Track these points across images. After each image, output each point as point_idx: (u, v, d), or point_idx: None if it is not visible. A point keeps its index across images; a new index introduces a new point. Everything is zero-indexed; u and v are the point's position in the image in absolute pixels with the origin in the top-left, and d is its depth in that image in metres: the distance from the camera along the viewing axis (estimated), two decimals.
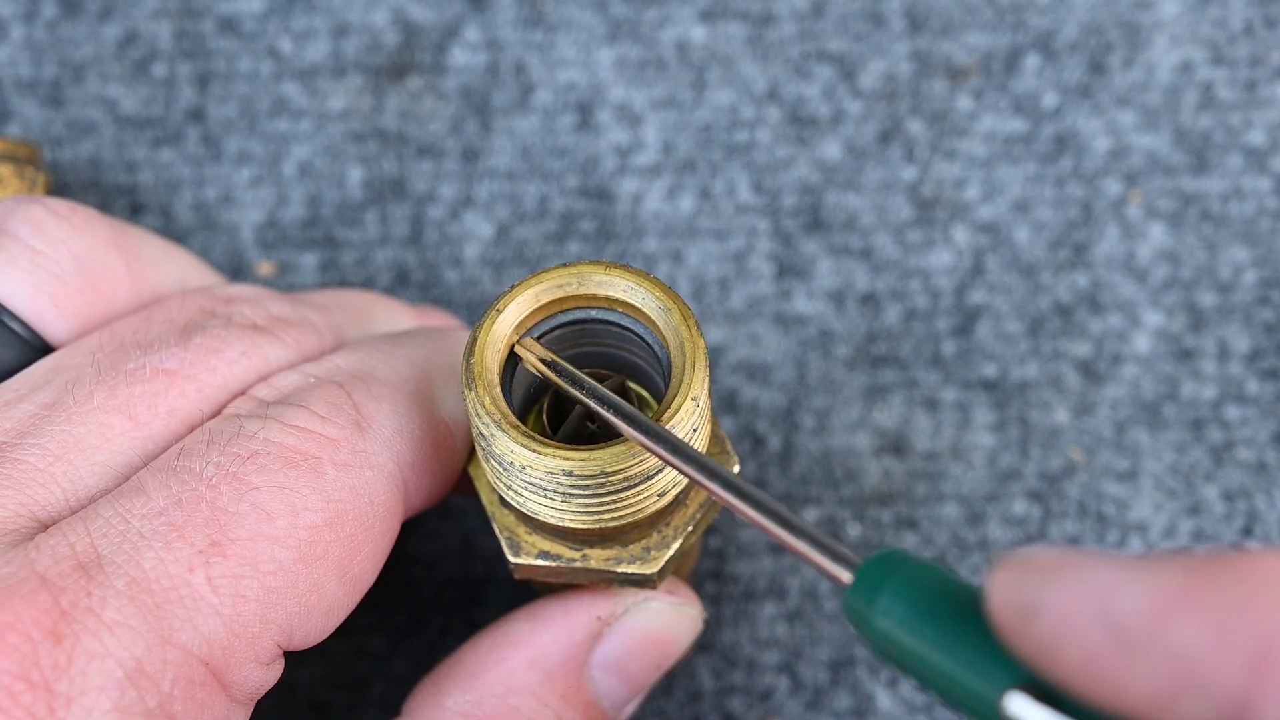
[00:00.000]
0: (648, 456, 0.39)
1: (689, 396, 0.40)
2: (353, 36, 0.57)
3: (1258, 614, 0.31)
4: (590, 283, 0.41)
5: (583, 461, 0.39)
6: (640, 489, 0.40)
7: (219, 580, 0.39)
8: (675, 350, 0.40)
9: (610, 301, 0.41)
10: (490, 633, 0.44)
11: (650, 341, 0.42)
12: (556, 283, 0.41)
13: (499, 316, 0.41)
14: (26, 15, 0.57)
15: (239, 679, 0.39)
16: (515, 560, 0.42)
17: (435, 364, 0.45)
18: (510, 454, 0.40)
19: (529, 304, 0.41)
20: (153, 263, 0.46)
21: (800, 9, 0.57)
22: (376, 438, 0.42)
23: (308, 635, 0.41)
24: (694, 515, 0.43)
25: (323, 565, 0.40)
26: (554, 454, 0.39)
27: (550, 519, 0.41)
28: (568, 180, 0.55)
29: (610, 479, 0.39)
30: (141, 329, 0.43)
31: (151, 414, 0.42)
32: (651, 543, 0.42)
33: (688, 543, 0.43)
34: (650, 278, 0.41)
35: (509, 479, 0.40)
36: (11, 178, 0.50)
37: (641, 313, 0.41)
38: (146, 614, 0.38)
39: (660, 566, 0.42)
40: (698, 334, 0.40)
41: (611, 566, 0.42)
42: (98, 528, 0.39)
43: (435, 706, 0.43)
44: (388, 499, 0.42)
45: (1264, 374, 0.53)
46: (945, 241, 0.55)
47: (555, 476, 0.40)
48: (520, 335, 0.41)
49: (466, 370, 0.40)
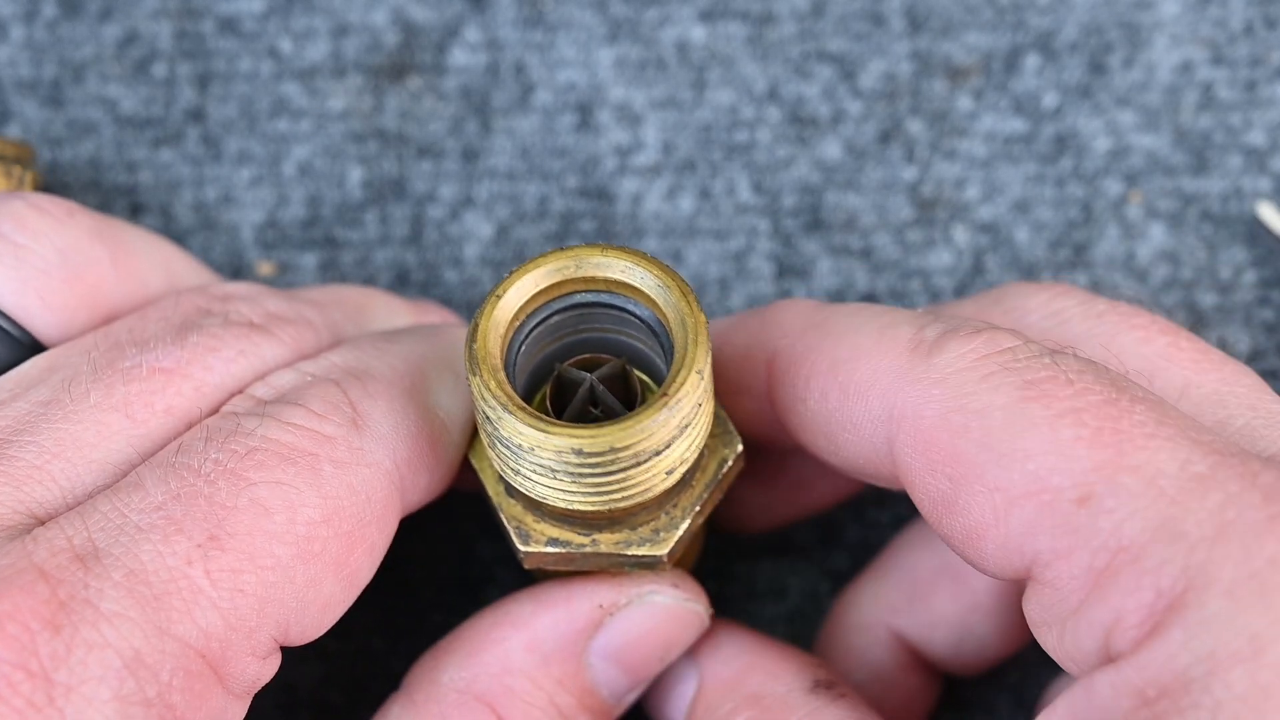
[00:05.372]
0: (656, 431, 0.40)
1: (694, 370, 0.40)
2: (353, 36, 0.57)
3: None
4: (588, 265, 0.42)
5: (592, 438, 0.39)
6: (649, 465, 0.40)
7: (217, 574, 0.39)
8: (677, 327, 0.41)
9: (609, 283, 0.42)
10: (492, 611, 0.44)
11: (650, 322, 0.42)
12: (555, 266, 0.42)
13: (499, 302, 0.41)
14: (26, 15, 0.57)
15: (236, 672, 0.40)
16: (525, 549, 0.42)
17: (431, 360, 0.45)
18: (519, 436, 0.40)
19: (529, 288, 0.42)
20: (138, 254, 0.46)
21: (800, 9, 0.57)
22: (373, 435, 0.42)
23: (304, 631, 0.41)
24: (700, 495, 0.43)
25: (320, 561, 0.40)
26: (563, 433, 0.39)
27: (559, 503, 0.41)
28: (568, 180, 0.55)
29: (620, 455, 0.40)
30: (137, 327, 0.43)
31: (149, 412, 0.42)
32: (660, 524, 0.42)
33: (695, 523, 0.43)
34: (647, 257, 0.41)
35: (517, 463, 0.41)
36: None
37: (640, 292, 0.41)
38: (144, 605, 0.38)
39: (670, 547, 0.42)
40: (698, 310, 0.41)
41: (621, 550, 0.42)
42: (95, 521, 0.39)
43: (431, 681, 0.43)
44: (385, 496, 0.42)
45: (1264, 374, 0.53)
46: (945, 241, 0.55)
47: (564, 456, 0.40)
48: (521, 320, 0.42)
49: (470, 356, 0.40)
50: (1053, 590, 0.39)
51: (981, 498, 0.40)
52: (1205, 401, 0.42)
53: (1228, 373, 0.42)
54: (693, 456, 0.42)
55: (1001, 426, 0.39)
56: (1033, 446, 0.39)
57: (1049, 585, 0.39)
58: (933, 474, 0.41)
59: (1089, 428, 0.39)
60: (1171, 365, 0.42)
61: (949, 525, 0.41)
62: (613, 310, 0.42)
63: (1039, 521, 0.39)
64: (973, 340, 0.41)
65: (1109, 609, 0.38)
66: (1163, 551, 0.37)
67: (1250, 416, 0.41)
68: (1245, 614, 0.36)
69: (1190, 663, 0.36)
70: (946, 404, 0.40)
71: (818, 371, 0.43)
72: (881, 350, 0.42)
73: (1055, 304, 0.44)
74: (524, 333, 0.42)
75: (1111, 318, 0.44)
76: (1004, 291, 0.46)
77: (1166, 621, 0.37)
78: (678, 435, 0.40)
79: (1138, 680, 0.37)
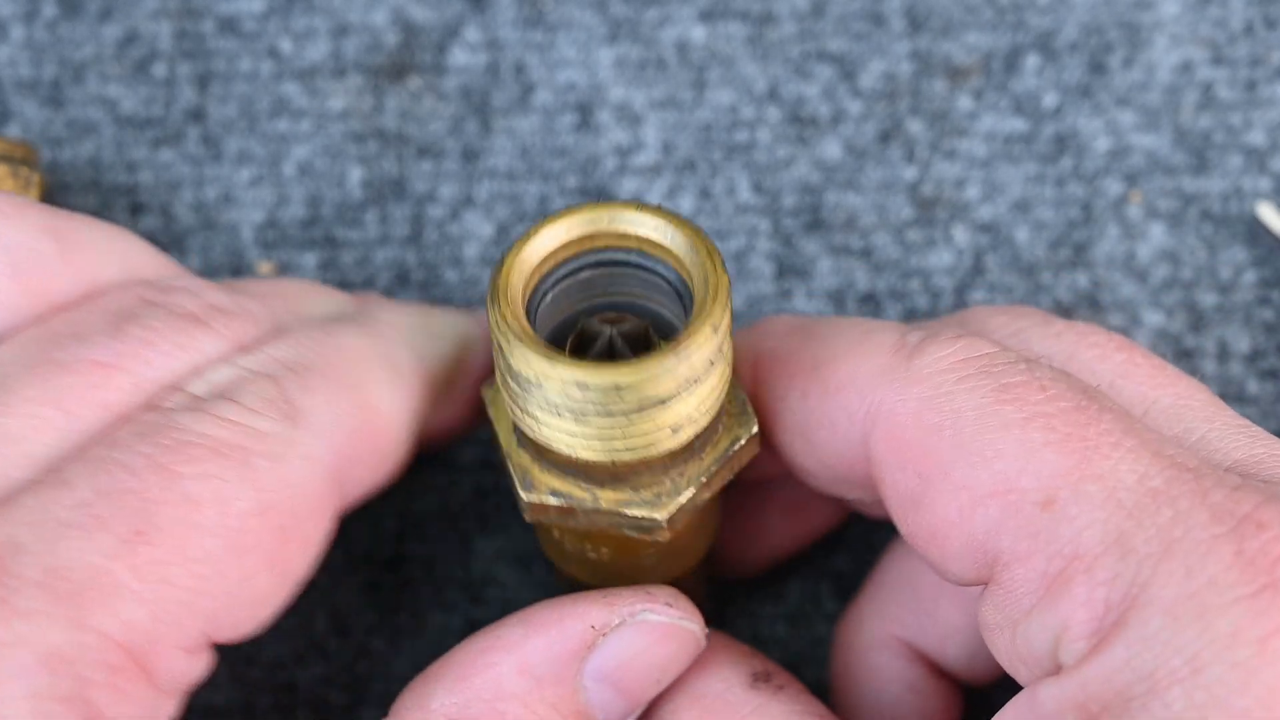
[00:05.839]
0: (662, 377, 0.40)
1: (708, 322, 0.40)
2: (353, 36, 0.57)
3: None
4: (622, 220, 0.42)
5: (596, 373, 0.40)
6: (652, 415, 0.41)
7: (143, 567, 0.39)
8: (699, 285, 0.41)
9: (640, 241, 0.42)
10: (482, 635, 0.44)
11: (677, 285, 0.42)
12: (589, 217, 0.42)
13: (529, 242, 0.42)
14: (26, 15, 0.57)
15: (164, 667, 0.39)
16: (527, 497, 0.43)
17: (371, 354, 0.45)
18: (526, 367, 0.40)
19: (560, 235, 0.42)
20: (90, 248, 0.45)
21: (800, 9, 0.57)
22: (310, 429, 0.42)
23: (237, 626, 0.41)
24: (709, 468, 0.43)
25: (252, 556, 0.40)
26: (568, 364, 0.40)
27: (563, 447, 0.41)
28: (568, 180, 0.55)
29: (623, 395, 0.40)
30: (77, 320, 0.43)
31: (83, 406, 0.41)
32: (663, 489, 0.42)
33: (700, 497, 0.43)
34: (679, 218, 0.42)
35: (525, 400, 0.41)
36: (5, 177, 0.50)
37: (670, 253, 0.42)
38: (62, 601, 0.38)
39: (669, 513, 0.42)
40: (722, 271, 0.41)
41: (621, 508, 0.42)
42: (19, 517, 0.39)
43: (420, 708, 0.43)
44: (321, 490, 0.42)
45: (1264, 374, 0.53)
46: (945, 241, 0.55)
47: (568, 389, 0.40)
48: (550, 267, 0.42)
49: (492, 288, 0.41)
50: (1007, 592, 0.39)
51: (948, 495, 0.40)
52: (1164, 415, 0.42)
53: (1183, 387, 0.43)
54: (701, 419, 0.42)
55: (973, 426, 0.40)
56: (1003, 447, 0.40)
57: (1004, 587, 0.39)
58: (903, 470, 0.41)
59: (1058, 433, 0.39)
60: (1129, 381, 0.43)
61: (915, 523, 0.41)
62: (642, 271, 0.43)
63: (1003, 522, 0.39)
64: (953, 344, 0.42)
65: (1058, 616, 0.38)
66: (1114, 565, 0.38)
67: (1207, 429, 0.42)
68: (1184, 634, 0.37)
69: (1132, 680, 0.37)
70: (922, 403, 0.41)
71: (800, 371, 0.44)
72: (864, 351, 0.43)
73: (1015, 324, 0.45)
74: (552, 280, 0.43)
75: (1069, 336, 0.44)
76: (966, 315, 0.47)
77: (1111, 636, 0.37)
78: (685, 389, 0.40)
79: (1080, 695, 0.38)
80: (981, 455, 0.40)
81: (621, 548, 0.45)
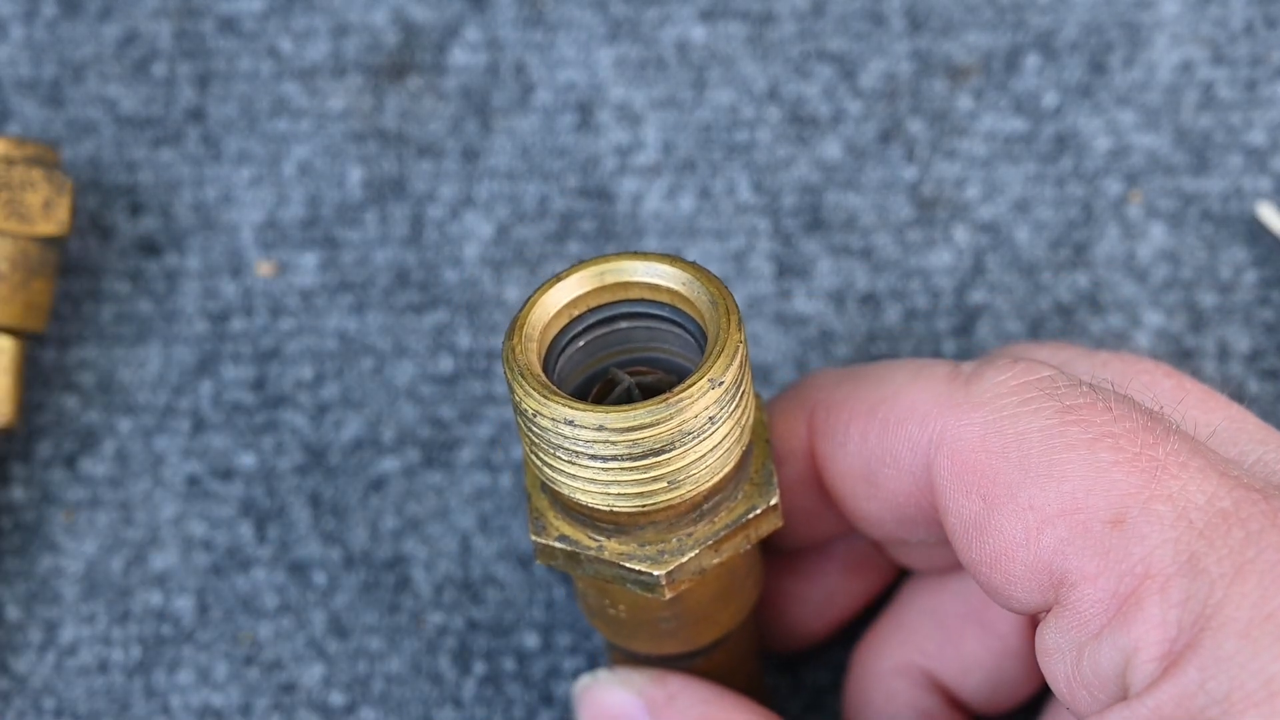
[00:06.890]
0: (651, 424, 0.40)
1: (706, 376, 0.40)
2: (353, 36, 0.57)
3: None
4: (649, 272, 0.42)
5: (584, 411, 0.40)
6: (646, 464, 0.41)
7: None
8: (711, 339, 0.41)
9: (671, 295, 0.42)
10: None
11: (699, 339, 0.42)
12: (618, 266, 0.43)
13: (556, 285, 0.42)
14: (26, 15, 0.57)
15: None
16: (537, 539, 0.43)
17: None
18: (525, 400, 0.40)
19: (585, 284, 0.42)
20: None
21: (800, 9, 0.57)
22: None
23: None
24: (718, 532, 0.43)
25: None
26: (560, 401, 0.40)
27: (563, 489, 0.41)
28: (568, 180, 0.55)
29: (611, 439, 0.40)
30: None
31: None
32: (668, 547, 0.42)
33: (707, 561, 0.42)
34: (706, 273, 0.42)
35: (530, 437, 0.41)
36: (41, 182, 0.51)
37: (695, 306, 0.42)
38: None
39: (669, 570, 0.42)
40: (735, 329, 0.41)
41: (622, 560, 0.42)
42: None
43: None
44: None
45: (1264, 374, 0.53)
46: (945, 241, 0.55)
47: (559, 426, 0.40)
48: (579, 312, 0.43)
49: (511, 324, 0.41)
50: (1074, 614, 0.39)
51: (1014, 517, 0.40)
52: (1217, 438, 0.42)
53: (1234, 411, 0.43)
54: (703, 477, 0.41)
55: (1039, 447, 0.40)
56: (1070, 468, 0.40)
57: (1071, 609, 0.39)
58: (968, 495, 0.41)
59: (1126, 453, 0.39)
60: (1181, 406, 0.43)
61: (979, 549, 0.41)
62: (675, 326, 0.43)
63: (1071, 541, 0.39)
64: (1011, 368, 0.42)
65: (1130, 637, 0.38)
66: (1187, 585, 0.37)
67: (1263, 450, 0.42)
68: (1260, 656, 0.36)
69: (1206, 704, 0.36)
70: (986, 426, 0.41)
71: (858, 414, 0.44)
72: (920, 385, 0.43)
73: (1060, 355, 0.45)
74: (583, 325, 0.43)
75: (1116, 364, 0.44)
76: (1007, 350, 0.47)
77: (1184, 659, 0.37)
78: (681, 441, 0.40)
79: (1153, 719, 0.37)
80: (1049, 476, 0.40)
81: (635, 606, 0.45)
